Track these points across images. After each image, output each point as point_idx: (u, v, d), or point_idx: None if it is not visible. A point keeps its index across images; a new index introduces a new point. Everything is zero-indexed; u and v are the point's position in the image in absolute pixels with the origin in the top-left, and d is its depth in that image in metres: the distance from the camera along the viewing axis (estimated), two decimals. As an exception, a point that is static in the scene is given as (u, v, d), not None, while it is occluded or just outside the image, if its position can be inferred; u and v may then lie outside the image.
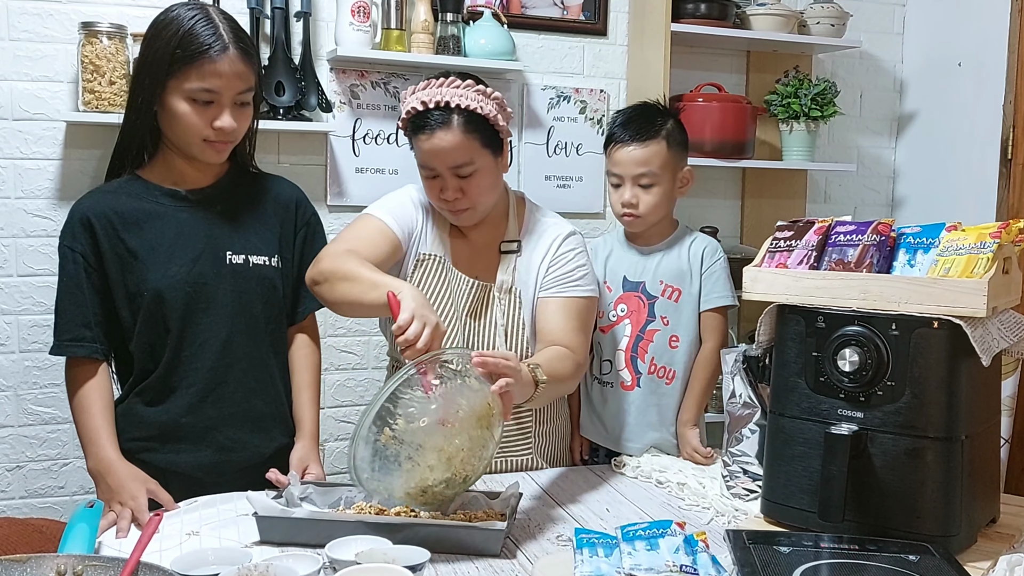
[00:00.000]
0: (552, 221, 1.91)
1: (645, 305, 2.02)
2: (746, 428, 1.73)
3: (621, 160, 1.99)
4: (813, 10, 3.08)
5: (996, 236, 1.43)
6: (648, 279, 2.03)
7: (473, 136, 1.71)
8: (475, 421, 1.46)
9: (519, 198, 1.94)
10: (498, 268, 1.86)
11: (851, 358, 1.44)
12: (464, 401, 1.45)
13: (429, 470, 1.45)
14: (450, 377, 1.46)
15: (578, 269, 1.85)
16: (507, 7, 2.87)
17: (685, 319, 2.02)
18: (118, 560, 1.19)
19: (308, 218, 1.89)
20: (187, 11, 1.66)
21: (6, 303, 2.48)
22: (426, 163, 1.76)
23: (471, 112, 1.70)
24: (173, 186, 1.76)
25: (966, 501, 1.42)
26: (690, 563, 1.28)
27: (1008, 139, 2.97)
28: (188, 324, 1.72)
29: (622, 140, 1.99)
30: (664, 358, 2.02)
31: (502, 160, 1.81)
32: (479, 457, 1.49)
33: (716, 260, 2.03)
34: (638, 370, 2.02)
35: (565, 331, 1.80)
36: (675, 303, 2.02)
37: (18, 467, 2.54)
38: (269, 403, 1.81)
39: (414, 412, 1.43)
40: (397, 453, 1.44)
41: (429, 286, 1.85)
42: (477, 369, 1.43)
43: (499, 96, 1.77)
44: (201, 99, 1.65)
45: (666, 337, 2.01)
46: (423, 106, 1.71)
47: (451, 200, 1.77)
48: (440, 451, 1.44)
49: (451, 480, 1.47)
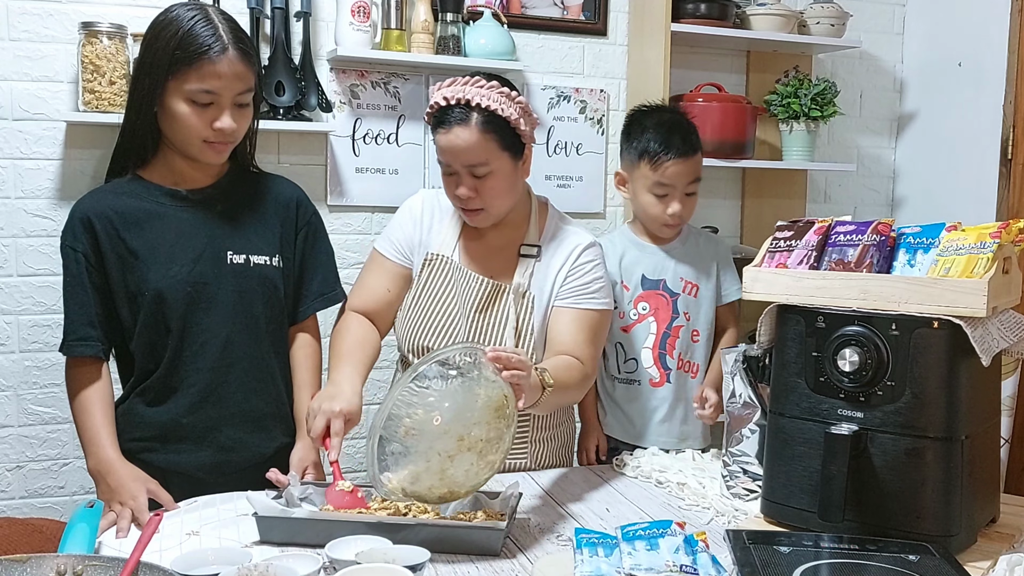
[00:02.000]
0: (573, 230, 1.91)
1: (669, 302, 2.09)
2: (746, 428, 1.73)
3: (674, 175, 2.06)
4: (813, 10, 3.08)
5: (996, 236, 1.43)
6: (668, 276, 2.11)
7: (491, 137, 1.72)
8: (493, 412, 1.44)
9: (542, 203, 1.94)
10: (515, 270, 1.85)
11: (851, 358, 1.44)
12: (482, 391, 1.44)
13: (449, 460, 1.43)
14: (468, 369, 1.46)
15: (595, 281, 1.85)
16: (507, 7, 2.87)
17: (704, 313, 2.13)
18: (118, 560, 1.19)
19: (309, 217, 1.89)
20: (186, 11, 1.66)
21: (6, 303, 2.49)
22: (443, 159, 1.78)
23: (491, 112, 1.71)
24: (174, 186, 1.76)
25: (966, 501, 1.42)
26: (690, 563, 1.28)
27: (1008, 139, 2.97)
28: (189, 324, 1.72)
29: (672, 155, 2.05)
30: (688, 353, 2.11)
31: (523, 165, 1.81)
32: (496, 449, 1.46)
33: (731, 256, 2.16)
34: (667, 366, 2.09)
35: (576, 342, 1.80)
36: (695, 299, 2.12)
37: (18, 467, 2.54)
38: (270, 403, 1.82)
39: (433, 402, 1.43)
40: (416, 445, 1.43)
41: (435, 285, 1.86)
42: (491, 365, 1.43)
43: (524, 101, 1.77)
44: (200, 100, 1.65)
45: (689, 332, 2.11)
46: (445, 102, 1.72)
47: (464, 198, 1.77)
48: (460, 441, 1.42)
49: (469, 472, 1.44)
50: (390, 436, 1.44)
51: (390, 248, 1.91)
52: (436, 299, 1.86)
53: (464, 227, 1.89)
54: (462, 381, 1.45)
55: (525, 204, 1.90)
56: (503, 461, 1.49)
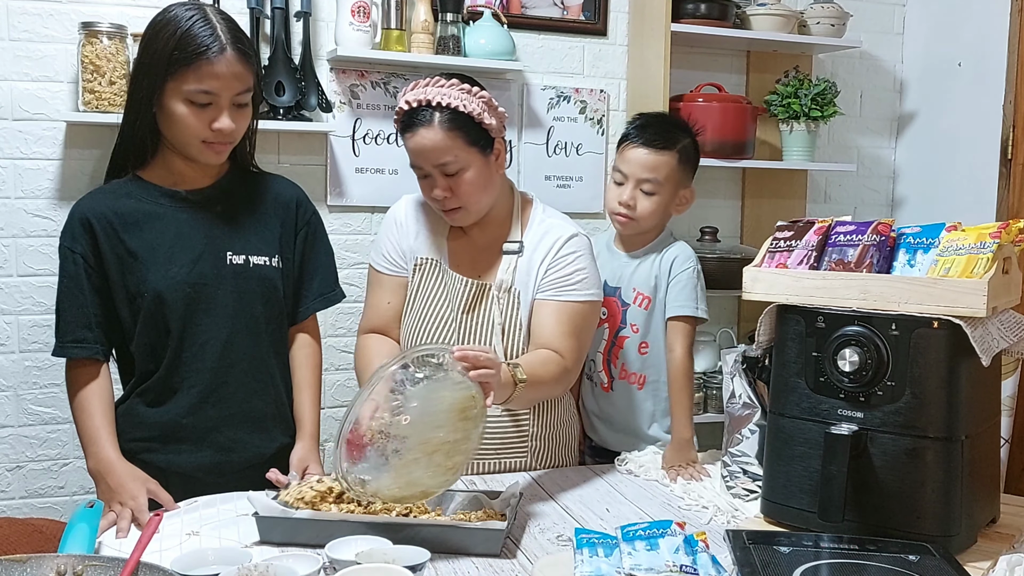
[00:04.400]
0: (557, 223, 1.90)
1: (619, 311, 2.04)
2: (746, 428, 1.73)
3: (631, 159, 2.01)
4: (813, 10, 3.08)
5: (996, 236, 1.43)
6: (624, 286, 2.07)
7: (455, 134, 1.73)
8: (457, 414, 1.44)
9: (526, 199, 1.94)
10: (499, 268, 1.86)
11: (851, 358, 1.44)
12: (447, 394, 1.44)
13: (414, 463, 1.43)
14: (433, 371, 1.46)
15: (577, 272, 1.84)
16: (507, 7, 2.87)
17: (655, 327, 2.04)
18: (118, 560, 1.19)
19: (309, 217, 1.89)
20: (185, 11, 1.65)
21: (6, 303, 2.49)
22: (414, 162, 1.79)
23: (453, 110, 1.72)
24: (173, 187, 1.76)
25: (966, 501, 1.42)
26: (690, 563, 1.28)
27: (1008, 139, 2.97)
28: (189, 325, 1.72)
29: (637, 141, 2.01)
30: (635, 364, 2.05)
31: (496, 160, 1.81)
32: (461, 451, 1.46)
33: (684, 269, 2.03)
34: (612, 374, 2.07)
35: (556, 335, 1.79)
36: (646, 311, 2.04)
37: (18, 467, 2.54)
38: (270, 403, 1.81)
39: (399, 406, 1.42)
40: (383, 448, 1.42)
41: (427, 289, 1.87)
42: (459, 364, 1.44)
43: (486, 95, 1.78)
44: (199, 101, 1.65)
45: (636, 344, 2.05)
46: (408, 106, 1.75)
47: (441, 199, 1.78)
48: (424, 443, 1.42)
49: (434, 474, 1.45)
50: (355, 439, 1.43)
51: (382, 261, 1.93)
52: (428, 303, 1.87)
53: (450, 229, 1.89)
54: (426, 384, 1.44)
55: (508, 201, 1.90)
56: (468, 460, 1.50)
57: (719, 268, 2.80)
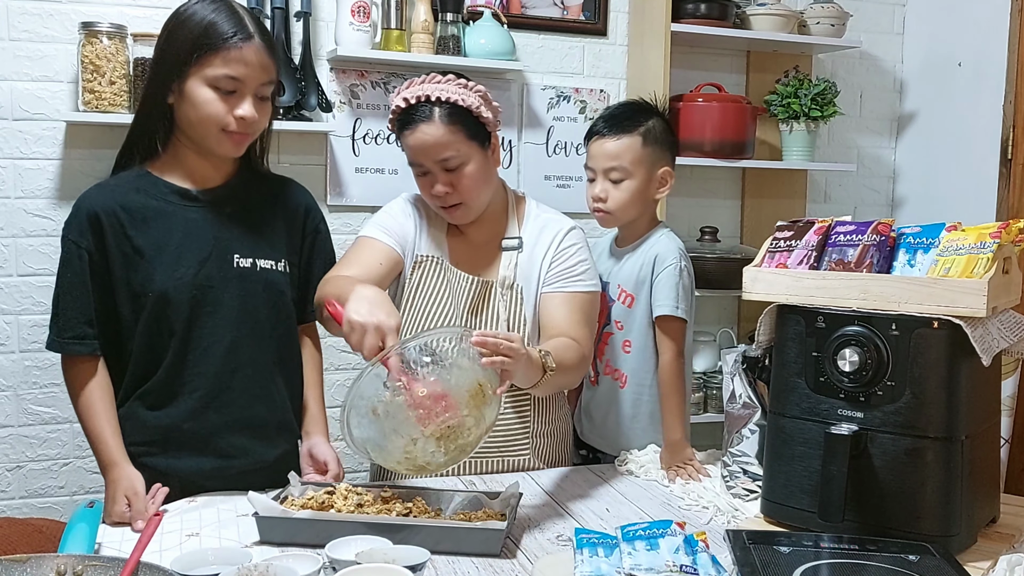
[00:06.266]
0: (553, 217, 1.92)
1: (606, 308, 2.03)
2: (746, 428, 1.73)
3: (594, 153, 1.99)
4: (813, 10, 3.08)
5: (996, 236, 1.43)
6: (611, 282, 2.05)
7: (456, 128, 1.73)
8: (467, 399, 1.43)
9: (519, 196, 1.95)
10: (500, 264, 1.86)
11: (851, 358, 1.44)
12: (452, 379, 1.43)
13: (413, 443, 1.42)
14: (443, 356, 1.45)
15: (580, 264, 1.86)
16: (507, 7, 2.87)
17: (637, 325, 2.00)
18: (118, 560, 1.18)
19: (316, 224, 1.87)
20: (209, 3, 1.65)
21: (6, 303, 2.49)
22: (414, 159, 1.78)
23: (453, 104, 1.73)
24: (183, 184, 1.73)
25: (966, 501, 1.42)
26: (690, 563, 1.28)
27: (1008, 139, 2.97)
28: (192, 327, 1.69)
29: (597, 133, 1.99)
30: (617, 361, 2.03)
31: (492, 154, 1.82)
32: (467, 434, 1.44)
33: (666, 267, 1.95)
34: (598, 368, 2.06)
35: (570, 324, 1.81)
36: (629, 308, 2.00)
37: (18, 467, 2.54)
38: (273, 410, 1.79)
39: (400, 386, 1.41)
40: (382, 425, 1.42)
41: (428, 287, 1.86)
42: (475, 348, 1.42)
43: (482, 89, 1.78)
44: (224, 87, 1.63)
45: (619, 341, 2.03)
46: (406, 103, 1.74)
47: (442, 195, 1.78)
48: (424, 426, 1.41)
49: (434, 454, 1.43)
50: (359, 414, 1.43)
51: (382, 234, 1.85)
52: (431, 301, 1.86)
53: (448, 228, 1.89)
54: (432, 368, 1.43)
55: (502, 198, 1.91)
56: (480, 439, 1.47)
57: (719, 268, 2.80)
